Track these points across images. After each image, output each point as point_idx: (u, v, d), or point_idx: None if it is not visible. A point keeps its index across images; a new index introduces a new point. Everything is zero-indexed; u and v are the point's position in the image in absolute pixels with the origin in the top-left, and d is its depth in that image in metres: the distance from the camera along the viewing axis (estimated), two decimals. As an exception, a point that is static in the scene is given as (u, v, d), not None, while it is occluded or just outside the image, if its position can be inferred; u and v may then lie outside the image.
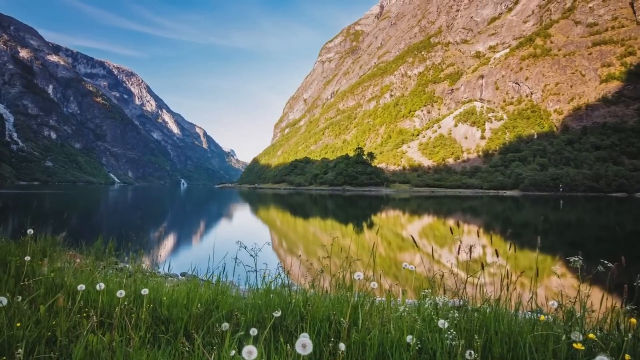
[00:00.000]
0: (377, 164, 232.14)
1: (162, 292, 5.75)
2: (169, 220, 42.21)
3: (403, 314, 4.79)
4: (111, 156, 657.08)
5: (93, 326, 4.26)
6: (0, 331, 3.85)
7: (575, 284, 5.06)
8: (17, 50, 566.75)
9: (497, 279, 5.23)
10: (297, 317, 5.08)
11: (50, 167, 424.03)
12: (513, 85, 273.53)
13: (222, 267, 6.82)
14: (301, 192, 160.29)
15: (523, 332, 4.20)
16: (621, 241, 25.28)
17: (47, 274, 6.55)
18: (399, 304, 5.36)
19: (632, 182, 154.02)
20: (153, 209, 59.00)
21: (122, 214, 49.71)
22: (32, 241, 8.00)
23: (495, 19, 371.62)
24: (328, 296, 5.59)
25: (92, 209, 55.42)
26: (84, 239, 10.59)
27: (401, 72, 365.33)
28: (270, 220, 45.49)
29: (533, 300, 4.98)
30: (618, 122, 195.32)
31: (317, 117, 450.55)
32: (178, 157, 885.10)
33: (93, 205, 65.24)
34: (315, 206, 73.63)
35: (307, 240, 28.83)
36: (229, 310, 5.34)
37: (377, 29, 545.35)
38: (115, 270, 8.91)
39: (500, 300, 4.92)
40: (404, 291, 5.82)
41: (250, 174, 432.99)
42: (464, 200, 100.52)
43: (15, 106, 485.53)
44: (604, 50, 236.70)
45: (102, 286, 4.68)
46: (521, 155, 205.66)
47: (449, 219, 45.56)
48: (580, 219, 48.16)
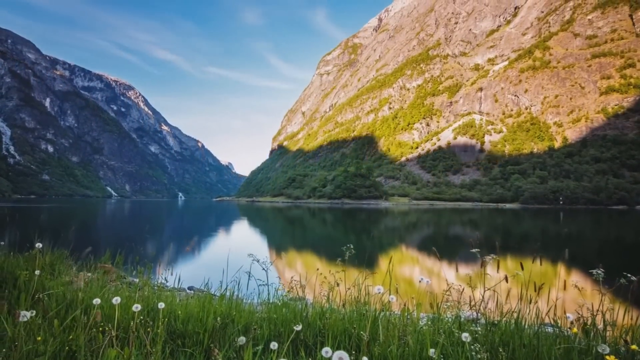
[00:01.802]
0: (376, 177, 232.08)
1: (176, 305, 5.70)
2: (173, 234, 42.11)
3: (423, 327, 4.76)
4: (108, 169, 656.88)
5: (111, 340, 4.29)
6: (22, 345, 4.10)
7: (590, 296, 5.02)
8: (14, 63, 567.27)
9: (514, 292, 5.19)
10: (314, 331, 5.04)
11: (47, 181, 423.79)
12: (512, 97, 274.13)
13: (234, 280, 6.78)
14: (300, 206, 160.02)
15: (546, 345, 4.22)
16: (628, 254, 25.25)
17: (57, 287, 6.51)
18: (414, 317, 5.32)
19: (633, 194, 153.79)
20: (156, 223, 58.84)
21: (127, 228, 49.59)
22: (40, 255, 7.98)
23: (494, 32, 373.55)
24: (344, 309, 5.55)
25: (95, 223, 55.25)
26: (92, 252, 10.55)
27: (400, 84, 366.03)
28: (274, 233, 45.39)
29: (551, 312, 4.95)
30: (618, 134, 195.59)
31: (316, 130, 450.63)
32: (176, 170, 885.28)
33: (95, 218, 65.06)
34: (315, 219, 73.48)
35: (317, 253, 28.73)
36: (245, 324, 5.29)
37: (376, 41, 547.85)
38: (124, 284, 8.87)
39: (519, 313, 4.88)
40: (419, 304, 5.78)
41: (248, 187, 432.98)
42: (463, 213, 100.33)
43: (12, 119, 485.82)
44: (604, 63, 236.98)
45: (118, 300, 4.64)
46: (521, 168, 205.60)
47: (455, 231, 45.50)
48: (581, 231, 48.07)
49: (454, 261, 22.19)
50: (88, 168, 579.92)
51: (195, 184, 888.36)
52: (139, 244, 12.93)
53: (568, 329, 4.53)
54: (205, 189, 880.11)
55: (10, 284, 6.82)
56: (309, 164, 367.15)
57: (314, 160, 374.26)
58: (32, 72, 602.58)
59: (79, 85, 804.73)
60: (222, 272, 7.03)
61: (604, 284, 4.66)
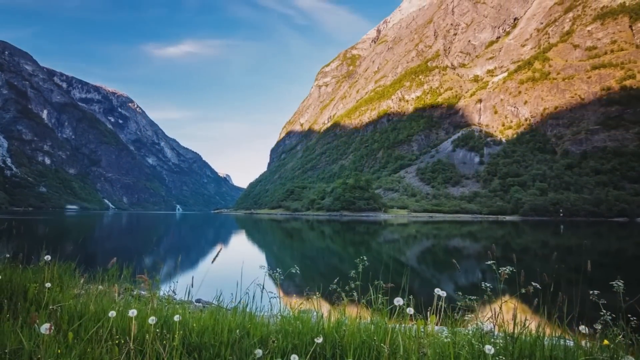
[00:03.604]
0: (375, 189, 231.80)
1: (190, 318, 5.67)
2: (178, 246, 42.06)
3: (446, 339, 4.72)
4: (106, 182, 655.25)
5: (129, 354, 4.30)
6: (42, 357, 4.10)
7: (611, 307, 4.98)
8: (11, 75, 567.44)
9: (532, 304, 5.16)
10: (332, 343, 5.00)
11: (44, 193, 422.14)
12: (512, 109, 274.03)
13: (246, 293, 6.73)
14: (298, 218, 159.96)
15: (568, 358, 4.20)
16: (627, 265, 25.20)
17: (66, 300, 6.48)
18: (431, 329, 5.29)
19: (634, 206, 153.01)
20: (157, 235, 58.74)
21: (130, 240, 49.50)
22: (47, 267, 7.95)
23: (493, 43, 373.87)
24: (360, 321, 5.52)
25: (97, 235, 55.17)
26: (99, 264, 10.52)
27: (398, 96, 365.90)
28: (278, 245, 45.34)
29: (571, 324, 4.91)
30: (618, 146, 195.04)
31: (314, 142, 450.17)
32: (173, 182, 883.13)
33: (96, 231, 64.96)
34: (315, 231, 73.38)
35: (323, 264, 28.65)
36: (261, 336, 5.25)
37: (374, 53, 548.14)
38: (132, 296, 8.82)
39: (539, 325, 4.84)
40: (434, 316, 5.74)
41: (247, 200, 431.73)
42: (463, 225, 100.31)
43: (9, 131, 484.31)
44: (603, 74, 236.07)
45: (134, 313, 4.62)
46: (520, 180, 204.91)
47: (463, 244, 45.44)
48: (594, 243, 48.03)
49: (468, 272, 22.13)
50: (85, 180, 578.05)
51: (193, 196, 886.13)
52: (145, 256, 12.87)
53: (589, 342, 4.50)
54: (203, 201, 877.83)
55: (21, 297, 6.79)
56: (307, 176, 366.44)
57: (313, 172, 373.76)
58: (30, 84, 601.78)
59: (77, 96, 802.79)
60: (229, 284, 7.01)
61: (624, 295, 4.64)
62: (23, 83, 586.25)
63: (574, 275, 6.63)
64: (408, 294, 5.70)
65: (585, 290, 5.15)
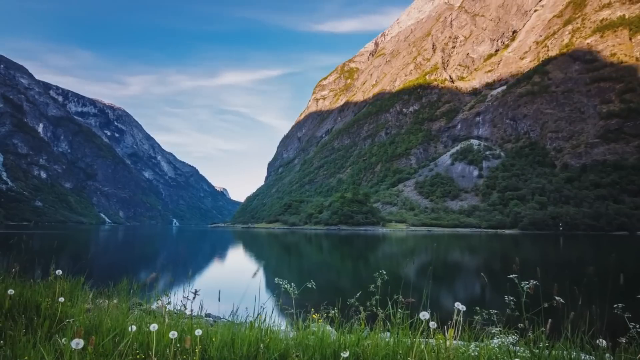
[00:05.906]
0: (373, 203, 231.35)
1: (208, 332, 5.62)
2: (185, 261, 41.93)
3: (470, 353, 4.67)
4: (102, 196, 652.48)
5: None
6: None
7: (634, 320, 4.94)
8: (7, 88, 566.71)
9: (556, 318, 5.11)
10: (354, 357, 4.95)
11: (40, 207, 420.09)
12: (511, 122, 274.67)
13: (262, 307, 6.67)
14: (296, 232, 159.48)
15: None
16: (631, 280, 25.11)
17: (79, 315, 6.45)
18: (456, 344, 5.24)
19: (634, 220, 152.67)
20: (161, 250, 58.64)
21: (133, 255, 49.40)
22: (58, 282, 7.91)
23: (491, 56, 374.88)
24: (382, 335, 5.46)
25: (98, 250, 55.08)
26: (105, 278, 10.47)
27: (397, 109, 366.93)
28: (280, 260, 45.22)
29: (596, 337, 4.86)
30: (618, 159, 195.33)
31: (312, 156, 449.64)
32: (170, 196, 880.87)
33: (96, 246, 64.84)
34: (313, 245, 73.25)
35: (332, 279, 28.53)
36: (281, 351, 5.20)
37: (372, 66, 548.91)
38: (142, 310, 8.77)
39: (563, 339, 4.80)
40: (454, 329, 5.69)
41: (244, 214, 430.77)
42: (463, 239, 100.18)
43: (5, 145, 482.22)
44: (603, 87, 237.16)
45: (155, 327, 4.59)
46: (520, 194, 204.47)
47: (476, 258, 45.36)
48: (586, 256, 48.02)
49: (491, 286, 21.98)
50: (81, 194, 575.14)
51: (189, 210, 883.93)
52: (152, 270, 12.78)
53: (608, 354, 4.46)
54: (200, 215, 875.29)
55: (33, 311, 6.73)
56: (305, 190, 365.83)
57: (310, 186, 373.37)
58: (25, 97, 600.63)
59: (72, 110, 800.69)
60: (254, 299, 6.93)
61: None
62: (19, 96, 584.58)
63: (597, 289, 6.57)
64: (426, 308, 5.66)
65: (611, 304, 5.10)
